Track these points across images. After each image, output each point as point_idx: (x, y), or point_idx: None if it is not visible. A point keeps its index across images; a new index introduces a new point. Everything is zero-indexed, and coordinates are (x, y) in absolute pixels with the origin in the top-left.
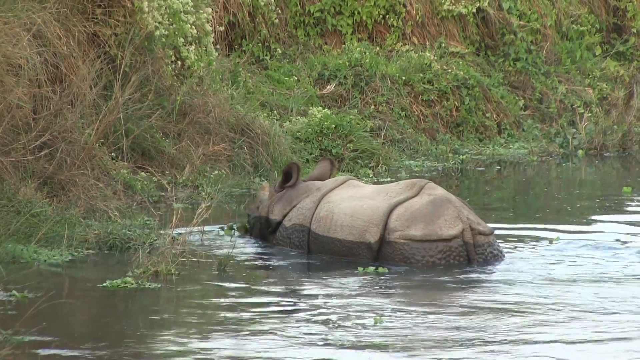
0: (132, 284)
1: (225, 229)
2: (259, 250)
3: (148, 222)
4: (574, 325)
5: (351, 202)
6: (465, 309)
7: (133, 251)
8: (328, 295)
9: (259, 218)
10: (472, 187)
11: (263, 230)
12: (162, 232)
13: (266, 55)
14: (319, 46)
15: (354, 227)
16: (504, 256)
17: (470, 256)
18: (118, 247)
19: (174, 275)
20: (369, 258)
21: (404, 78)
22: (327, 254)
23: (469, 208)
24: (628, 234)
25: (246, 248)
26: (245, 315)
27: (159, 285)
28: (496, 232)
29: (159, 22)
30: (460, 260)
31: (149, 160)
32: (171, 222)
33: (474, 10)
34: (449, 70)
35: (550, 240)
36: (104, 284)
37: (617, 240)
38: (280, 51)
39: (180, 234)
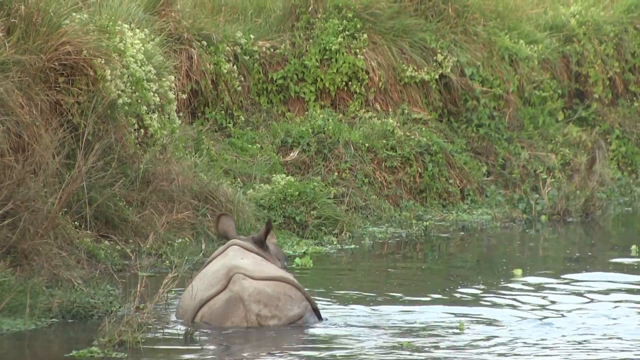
0: (99, 353)
1: None
2: None
3: (112, 291)
4: None
5: (192, 283)
6: None
7: (97, 320)
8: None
9: None
10: (435, 254)
11: None
12: (136, 303)
13: (229, 123)
14: (282, 113)
15: (177, 313)
16: None
17: None
18: (82, 316)
19: (141, 344)
20: None
21: (367, 145)
22: None
23: (287, 290)
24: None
25: None
26: None
27: (125, 355)
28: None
29: (122, 90)
30: None
31: (113, 229)
32: (136, 290)
33: (437, 77)
34: (412, 137)
35: (459, 327)
36: (71, 354)
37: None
38: (243, 118)
39: (144, 304)
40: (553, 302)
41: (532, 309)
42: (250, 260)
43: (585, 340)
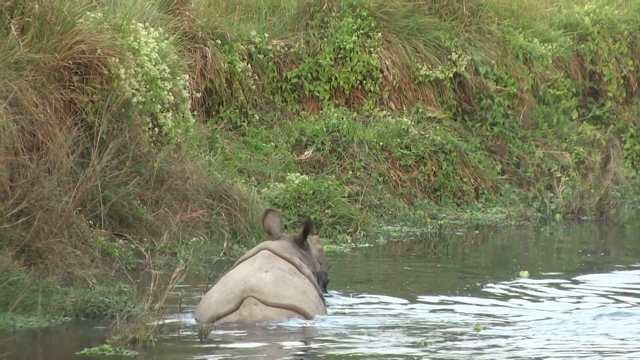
0: (110, 351)
1: None
2: None
3: (125, 289)
4: None
5: (214, 287)
6: None
7: (110, 318)
8: None
9: None
10: (450, 253)
11: None
12: (149, 302)
13: (243, 122)
14: (296, 112)
15: (197, 312)
16: None
17: None
18: (95, 314)
19: (153, 342)
20: None
21: (381, 143)
22: None
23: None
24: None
25: None
26: None
27: (137, 353)
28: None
29: (136, 89)
30: None
31: (127, 228)
32: (149, 289)
33: (451, 75)
34: (426, 135)
35: (475, 327)
36: (82, 352)
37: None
38: (257, 117)
39: (157, 302)
40: (569, 302)
41: (548, 309)
42: (272, 276)
43: (601, 341)
